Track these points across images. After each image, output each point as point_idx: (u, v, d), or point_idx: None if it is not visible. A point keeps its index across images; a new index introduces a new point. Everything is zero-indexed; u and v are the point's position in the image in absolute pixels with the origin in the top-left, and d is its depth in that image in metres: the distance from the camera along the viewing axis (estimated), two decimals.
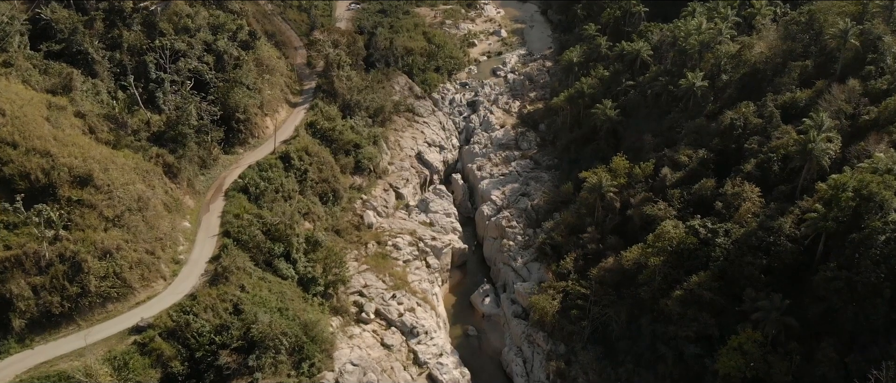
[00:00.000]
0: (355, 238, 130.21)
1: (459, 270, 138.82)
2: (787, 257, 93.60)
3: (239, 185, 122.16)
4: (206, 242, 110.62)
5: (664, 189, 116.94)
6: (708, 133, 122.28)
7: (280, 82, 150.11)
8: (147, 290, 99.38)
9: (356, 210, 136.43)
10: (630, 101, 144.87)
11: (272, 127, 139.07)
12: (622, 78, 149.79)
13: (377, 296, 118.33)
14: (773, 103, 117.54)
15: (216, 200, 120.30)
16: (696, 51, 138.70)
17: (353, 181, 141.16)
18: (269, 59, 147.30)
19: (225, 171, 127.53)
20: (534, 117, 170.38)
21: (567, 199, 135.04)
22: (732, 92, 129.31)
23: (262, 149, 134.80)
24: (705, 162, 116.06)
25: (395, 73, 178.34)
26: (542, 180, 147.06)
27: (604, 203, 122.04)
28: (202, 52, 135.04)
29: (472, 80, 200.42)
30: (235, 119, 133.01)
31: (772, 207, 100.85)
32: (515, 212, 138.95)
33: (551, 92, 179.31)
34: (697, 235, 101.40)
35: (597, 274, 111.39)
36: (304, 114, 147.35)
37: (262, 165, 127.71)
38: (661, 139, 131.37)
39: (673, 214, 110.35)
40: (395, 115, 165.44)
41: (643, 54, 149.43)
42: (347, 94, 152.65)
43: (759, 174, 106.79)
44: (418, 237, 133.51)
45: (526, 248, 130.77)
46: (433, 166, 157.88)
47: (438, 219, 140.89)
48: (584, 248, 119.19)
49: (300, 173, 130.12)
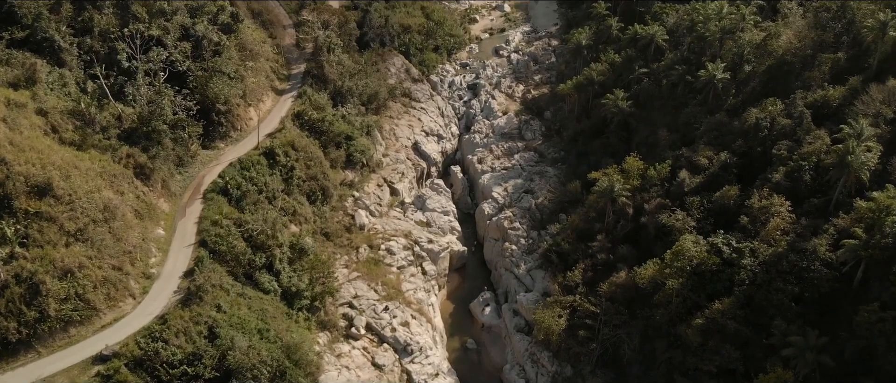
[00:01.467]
0: (346, 241, 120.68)
1: (458, 274, 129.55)
2: (821, 285, 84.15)
3: (218, 186, 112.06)
4: (181, 253, 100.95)
5: (682, 195, 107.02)
6: (730, 132, 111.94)
7: (265, 68, 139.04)
8: (114, 311, 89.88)
9: (347, 209, 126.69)
10: (643, 91, 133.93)
11: (256, 118, 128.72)
12: (635, 65, 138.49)
13: (368, 309, 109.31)
14: (803, 101, 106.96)
15: (194, 203, 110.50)
16: (717, 38, 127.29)
17: (344, 176, 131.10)
18: (253, 42, 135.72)
19: (204, 169, 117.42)
20: (538, 103, 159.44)
21: (574, 199, 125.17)
22: (756, 85, 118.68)
23: (245, 143, 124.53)
24: (727, 166, 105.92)
25: (390, 53, 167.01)
26: (547, 176, 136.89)
27: (615, 207, 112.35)
28: (179, 37, 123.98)
29: (473, 59, 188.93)
30: (216, 111, 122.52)
31: (803, 224, 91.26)
32: (518, 212, 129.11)
33: (557, 75, 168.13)
34: (721, 255, 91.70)
35: (607, 289, 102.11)
36: (292, 102, 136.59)
37: (245, 163, 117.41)
38: (677, 135, 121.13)
39: (691, 226, 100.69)
40: (391, 101, 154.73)
41: (658, 39, 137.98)
42: (338, 80, 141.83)
43: (789, 184, 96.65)
44: (414, 240, 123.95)
45: (529, 253, 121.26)
46: (431, 158, 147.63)
47: (436, 218, 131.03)
48: (592, 258, 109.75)
49: (286, 171, 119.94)
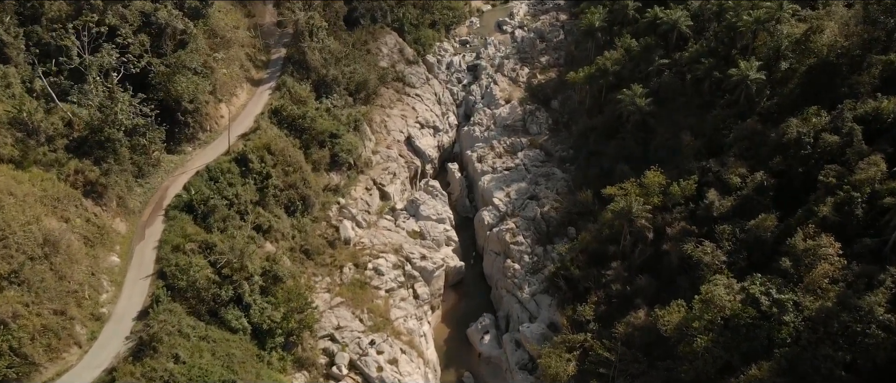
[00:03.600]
0: (328, 259, 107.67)
1: (455, 291, 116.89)
2: (877, 354, 71.14)
3: (183, 201, 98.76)
4: (137, 286, 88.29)
5: (710, 220, 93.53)
6: (765, 143, 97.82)
7: (239, 56, 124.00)
8: (56, 364, 77.68)
9: (331, 220, 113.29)
10: (664, 86, 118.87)
11: (228, 116, 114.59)
12: (654, 55, 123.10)
13: (352, 342, 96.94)
14: (852, 113, 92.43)
15: (154, 222, 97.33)
16: (750, 30, 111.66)
17: (327, 180, 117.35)
18: (225, 28, 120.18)
19: (168, 179, 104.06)
20: (545, 90, 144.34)
21: (585, 211, 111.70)
22: (795, 88, 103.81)
23: (215, 145, 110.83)
24: (763, 189, 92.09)
25: (382, 31, 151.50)
26: (554, 178, 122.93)
27: (632, 229, 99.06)
28: (139, 27, 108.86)
29: (474, 36, 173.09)
30: (181, 110, 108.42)
31: (855, 270, 77.86)
32: (522, 223, 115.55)
33: (566, 57, 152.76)
34: (758, 306, 78.51)
35: (624, 331, 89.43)
36: (270, 95, 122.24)
37: (213, 171, 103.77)
38: (702, 141, 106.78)
39: (722, 261, 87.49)
40: (383, 87, 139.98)
41: (681, 26, 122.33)
42: (322, 68, 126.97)
43: (838, 219, 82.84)
44: (405, 256, 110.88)
45: (534, 273, 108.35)
46: (426, 154, 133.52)
47: (430, 228, 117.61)
48: (606, 289, 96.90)
49: (260, 179, 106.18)
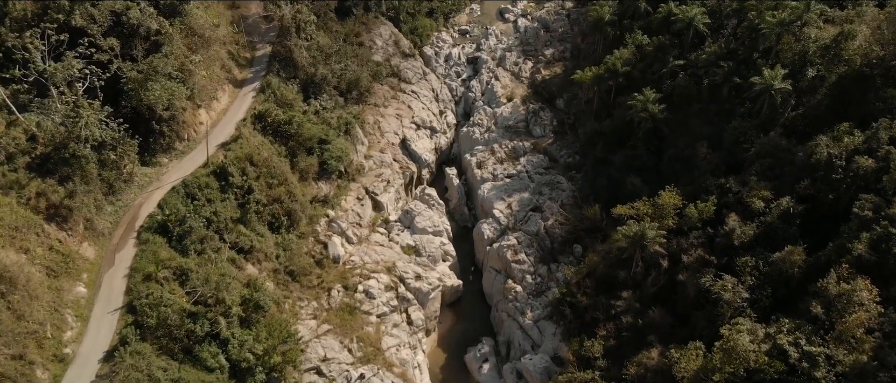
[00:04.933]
0: (315, 280, 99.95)
1: (452, 311, 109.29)
2: None
3: (156, 222, 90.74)
4: (105, 321, 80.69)
5: (731, 250, 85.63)
6: (790, 162, 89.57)
7: (221, 56, 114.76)
8: None
9: (319, 235, 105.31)
10: (678, 89, 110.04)
11: (208, 122, 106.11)
12: (669, 56, 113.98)
13: (340, 376, 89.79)
14: (888, 133, 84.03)
15: (125, 245, 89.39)
16: (773, 33, 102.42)
17: (316, 190, 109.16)
18: (204, 26, 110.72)
19: (142, 195, 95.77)
20: (549, 88, 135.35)
21: (592, 227, 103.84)
22: (823, 99, 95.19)
23: (194, 155, 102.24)
24: (789, 217, 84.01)
25: (376, 21, 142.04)
26: (559, 188, 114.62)
27: (645, 254, 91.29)
28: (109, 27, 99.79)
29: (474, 25, 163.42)
30: (156, 119, 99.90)
31: (892, 319, 70.21)
32: (524, 239, 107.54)
33: (572, 50, 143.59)
34: (786, 358, 70.97)
35: (635, 372, 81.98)
36: (253, 98, 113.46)
37: (190, 186, 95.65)
38: (721, 155, 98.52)
39: (743, 298, 79.72)
40: (376, 84, 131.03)
41: (698, 24, 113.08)
42: (310, 67, 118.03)
43: (875, 258, 74.90)
44: (398, 276, 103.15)
45: (537, 296, 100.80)
46: (422, 159, 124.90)
47: (426, 243, 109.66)
48: (616, 321, 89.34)
49: (242, 193, 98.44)
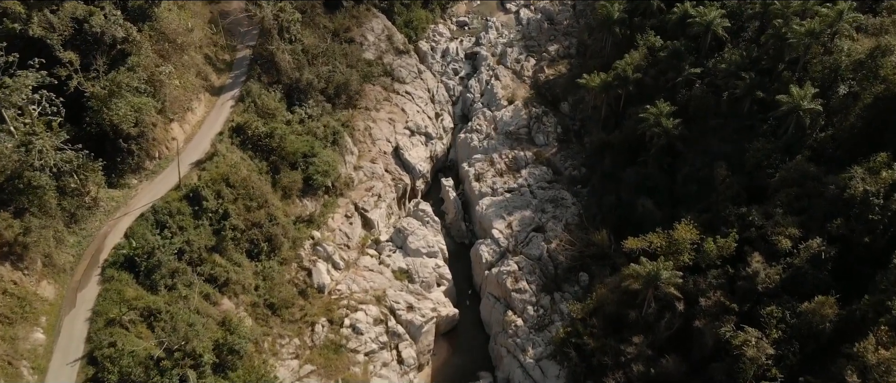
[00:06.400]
0: (298, 313, 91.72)
1: (447, 340, 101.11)
2: None
3: (122, 255, 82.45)
4: (64, 374, 72.56)
5: (753, 293, 77.45)
6: (820, 195, 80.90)
7: (196, 61, 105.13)
8: None
9: (302, 260, 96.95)
10: (695, 101, 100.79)
11: (181, 139, 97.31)
12: (684, 63, 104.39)
13: None
14: None
15: (89, 283, 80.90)
16: (802, 44, 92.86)
17: (300, 209, 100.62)
18: (177, 31, 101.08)
19: (108, 222, 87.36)
20: (553, 89, 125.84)
21: (600, 254, 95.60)
22: (857, 121, 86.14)
23: (165, 175, 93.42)
24: (820, 261, 75.64)
25: (368, 13, 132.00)
26: (563, 205, 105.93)
27: (658, 293, 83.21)
28: (70, 37, 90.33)
29: (474, 16, 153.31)
30: (124, 136, 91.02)
31: None
32: (525, 264, 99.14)
33: (578, 45, 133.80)
34: None
35: None
36: (232, 107, 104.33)
37: (161, 213, 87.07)
38: (741, 179, 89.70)
39: (768, 354, 71.83)
40: (368, 84, 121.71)
41: (717, 29, 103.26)
42: (294, 72, 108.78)
43: None
44: (389, 306, 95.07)
45: (539, 330, 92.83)
46: (416, 170, 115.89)
47: (419, 267, 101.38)
48: (625, 369, 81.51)
49: (217, 218, 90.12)
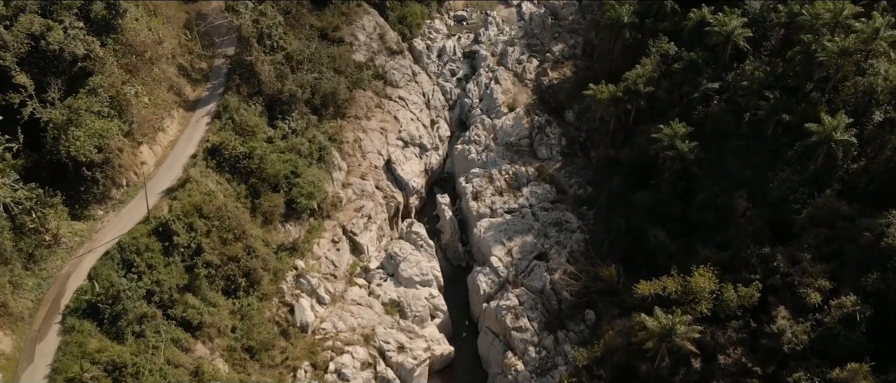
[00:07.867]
0: (279, 357, 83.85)
1: (440, 379, 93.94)
2: None
3: (84, 301, 75.06)
4: None
5: (778, 353, 70.00)
6: (852, 239, 72.95)
7: (168, 74, 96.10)
8: None
9: (284, 294, 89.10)
10: (712, 119, 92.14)
11: (151, 163, 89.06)
12: (702, 77, 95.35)
13: None
14: None
15: (48, 333, 73.55)
16: (834, 63, 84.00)
17: (283, 235, 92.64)
18: (145, 43, 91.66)
19: (71, 260, 79.79)
20: (557, 95, 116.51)
21: (609, 290, 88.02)
22: (894, 155, 77.76)
23: (134, 204, 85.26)
24: (853, 322, 67.97)
25: (359, 9, 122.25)
26: (567, 229, 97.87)
27: (671, 345, 75.75)
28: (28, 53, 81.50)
29: (472, 9, 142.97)
30: (87, 164, 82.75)
31: None
32: (526, 298, 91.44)
33: (584, 45, 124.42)
34: None
35: None
36: (208, 125, 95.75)
37: (127, 250, 79.45)
38: (764, 213, 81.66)
39: None
40: (358, 90, 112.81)
41: (738, 40, 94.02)
42: (276, 83, 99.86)
43: None
44: (378, 347, 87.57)
45: (541, 375, 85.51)
46: (409, 186, 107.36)
47: (412, 298, 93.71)
48: None
49: (190, 254, 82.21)
